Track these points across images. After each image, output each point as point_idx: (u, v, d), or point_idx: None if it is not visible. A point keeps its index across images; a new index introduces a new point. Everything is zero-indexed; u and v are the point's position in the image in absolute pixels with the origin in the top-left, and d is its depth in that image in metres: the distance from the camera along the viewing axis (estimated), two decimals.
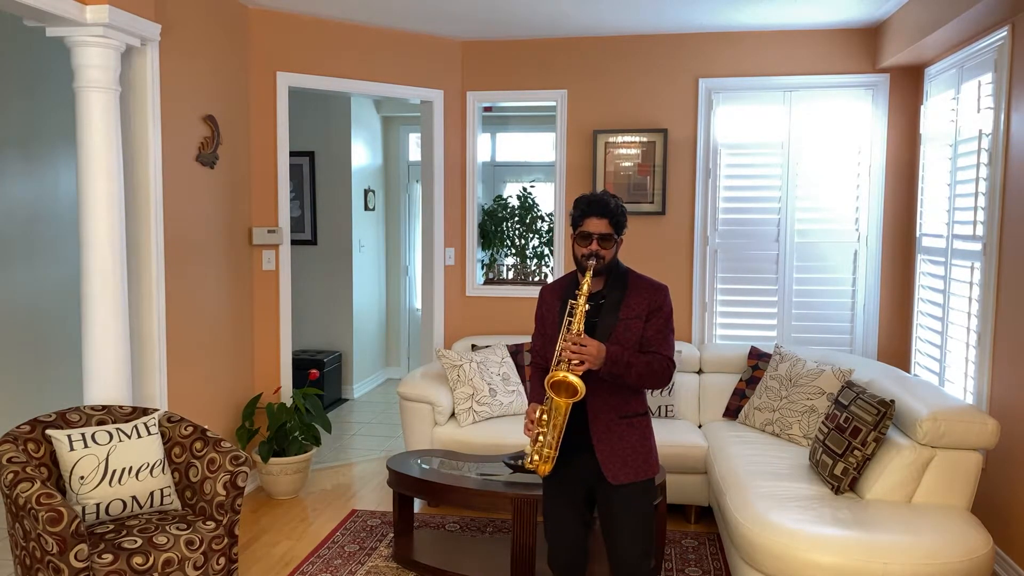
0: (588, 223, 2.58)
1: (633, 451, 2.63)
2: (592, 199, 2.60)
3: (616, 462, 2.61)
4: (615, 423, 2.62)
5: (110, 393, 3.41)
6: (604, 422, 2.61)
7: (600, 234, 2.56)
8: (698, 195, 5.21)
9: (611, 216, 2.58)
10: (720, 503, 3.59)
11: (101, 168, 3.33)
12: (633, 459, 2.63)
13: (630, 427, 2.64)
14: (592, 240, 2.57)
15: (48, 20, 3.20)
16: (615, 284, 2.64)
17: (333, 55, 4.97)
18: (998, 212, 3.71)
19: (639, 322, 2.60)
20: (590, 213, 2.58)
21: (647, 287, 2.64)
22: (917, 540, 2.91)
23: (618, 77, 5.29)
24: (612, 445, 2.61)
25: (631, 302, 2.61)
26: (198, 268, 4.28)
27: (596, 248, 2.56)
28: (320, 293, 7.11)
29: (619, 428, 2.62)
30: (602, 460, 2.61)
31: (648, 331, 2.61)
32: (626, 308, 2.60)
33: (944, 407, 3.29)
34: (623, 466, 2.61)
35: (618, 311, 2.60)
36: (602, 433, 2.61)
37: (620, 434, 2.62)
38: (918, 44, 4.25)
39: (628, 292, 2.62)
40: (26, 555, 2.78)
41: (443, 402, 4.57)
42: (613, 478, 2.60)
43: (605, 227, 2.57)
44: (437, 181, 5.41)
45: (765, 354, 4.70)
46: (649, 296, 2.62)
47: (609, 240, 2.58)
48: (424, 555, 3.81)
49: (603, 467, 2.61)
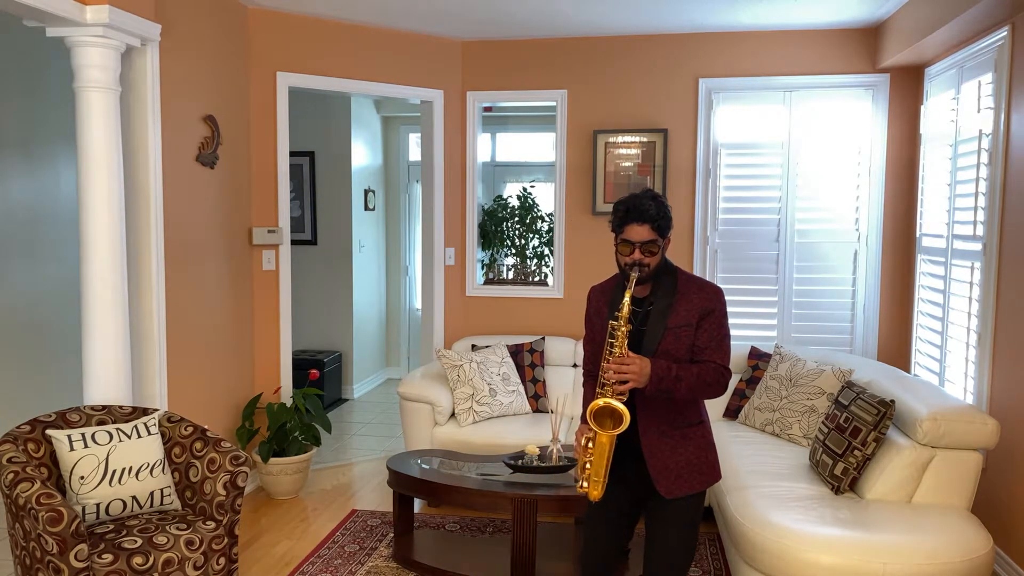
0: (628, 231, 2.40)
1: (688, 464, 2.47)
2: (630, 205, 2.40)
3: (670, 476, 2.45)
4: (667, 435, 2.46)
5: (110, 393, 3.41)
6: (655, 434, 2.46)
7: (642, 242, 2.39)
8: (698, 195, 5.21)
9: (652, 221, 2.39)
10: (720, 503, 3.59)
11: (101, 168, 3.33)
12: (688, 471, 2.47)
13: (684, 438, 2.48)
14: (634, 248, 2.39)
15: (48, 20, 3.19)
16: (663, 289, 2.47)
17: (333, 55, 4.97)
18: (998, 212, 3.71)
19: (689, 330, 2.42)
20: (628, 220, 2.40)
21: (697, 290, 2.46)
22: (917, 540, 2.91)
23: (618, 77, 5.29)
24: (665, 459, 2.45)
25: (680, 308, 2.43)
26: (198, 268, 4.28)
27: (639, 257, 2.39)
28: (320, 293, 7.11)
29: (672, 440, 2.47)
30: (655, 475, 2.45)
31: (699, 338, 2.43)
32: (675, 316, 2.42)
33: (944, 407, 3.29)
34: (677, 479, 2.46)
35: (666, 319, 2.42)
36: (654, 447, 2.46)
37: (673, 446, 2.46)
38: (918, 44, 4.25)
39: (677, 298, 2.44)
40: (26, 555, 2.78)
41: (443, 402, 4.57)
42: (667, 492, 2.45)
43: (647, 233, 2.39)
44: (437, 181, 5.41)
45: (765, 354, 4.70)
46: (700, 301, 2.44)
47: (653, 245, 2.40)
48: (424, 555, 3.81)
49: (656, 482, 2.45)
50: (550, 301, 5.49)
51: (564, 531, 4.10)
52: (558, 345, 5.10)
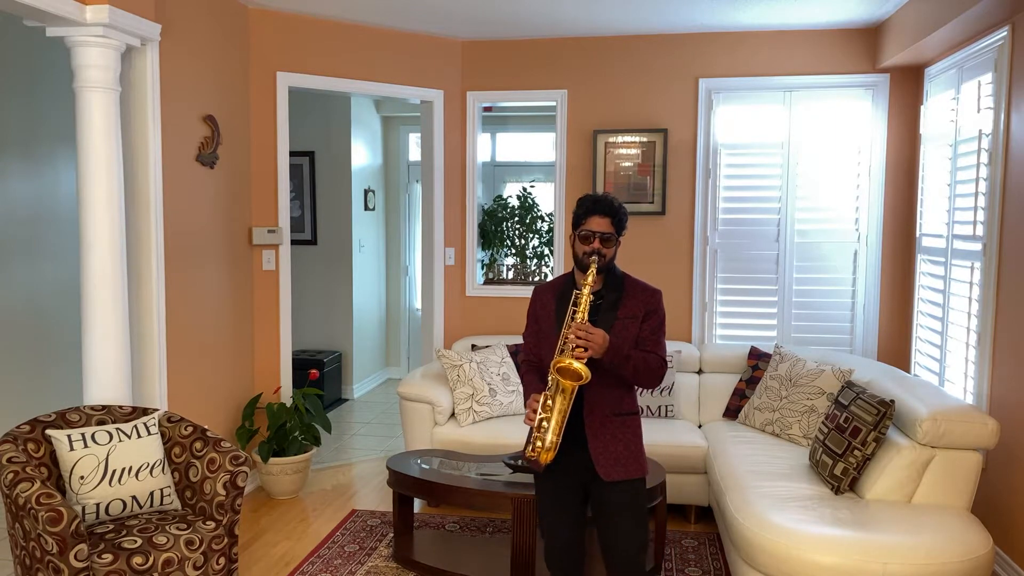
0: (591, 222, 2.64)
1: (626, 449, 2.68)
2: (596, 198, 2.66)
3: (609, 459, 2.65)
4: (609, 420, 2.66)
5: (110, 393, 3.41)
6: (599, 418, 2.65)
7: (602, 233, 2.62)
8: (698, 195, 5.21)
9: (614, 215, 2.64)
10: (720, 503, 3.59)
11: (101, 168, 3.33)
12: (626, 457, 2.67)
13: (623, 425, 2.69)
14: (594, 239, 2.62)
15: (48, 20, 3.19)
16: (612, 285, 2.70)
17: (333, 55, 4.97)
18: (998, 212, 3.71)
19: (635, 323, 2.66)
20: (594, 212, 2.64)
21: (643, 290, 2.71)
22: (917, 540, 2.91)
23: (618, 77, 5.29)
24: (605, 442, 2.65)
25: (627, 304, 2.67)
26: (198, 268, 4.28)
27: (598, 246, 2.61)
28: (320, 293, 7.11)
29: (612, 426, 2.67)
30: (595, 457, 2.64)
31: (643, 332, 2.67)
32: (623, 308, 2.66)
33: (944, 407, 3.29)
34: (616, 463, 2.65)
35: (616, 311, 2.66)
36: (597, 429, 2.65)
37: (613, 432, 2.67)
38: (918, 44, 4.25)
39: (625, 294, 2.68)
40: (26, 555, 2.78)
41: (443, 402, 4.57)
42: (606, 475, 2.64)
43: (607, 226, 2.63)
44: (437, 181, 5.41)
45: (765, 354, 4.70)
46: (645, 299, 2.69)
47: (610, 240, 2.64)
48: (424, 555, 3.81)
49: (596, 464, 2.64)
50: None
51: None
52: None
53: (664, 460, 4.16)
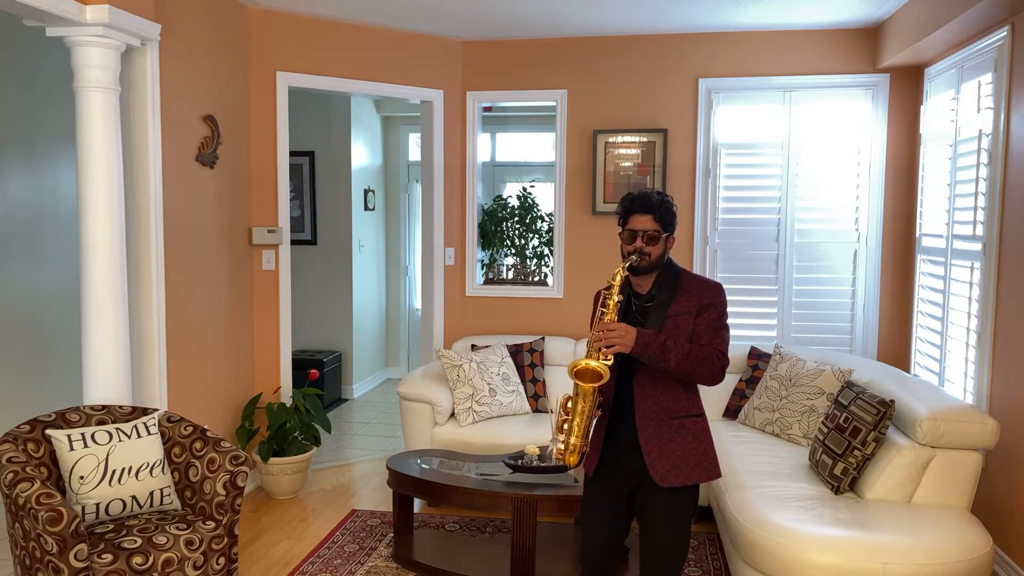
0: (633, 220, 2.54)
1: (684, 453, 2.53)
2: (636, 196, 2.56)
3: (665, 464, 2.52)
4: (665, 423, 2.54)
5: (110, 393, 3.41)
6: (653, 421, 2.53)
7: (645, 231, 2.52)
8: (698, 195, 5.21)
9: (655, 212, 2.53)
10: (720, 503, 3.59)
11: (101, 168, 3.33)
12: (684, 462, 2.53)
13: (681, 429, 2.55)
14: (637, 237, 2.53)
15: (48, 20, 3.19)
16: (666, 284, 2.57)
17: (333, 55, 4.97)
18: (998, 212, 3.71)
19: (688, 318, 2.52)
20: (633, 210, 2.54)
21: (699, 285, 2.58)
22: (917, 540, 2.91)
23: (618, 77, 5.29)
24: (661, 446, 2.53)
25: (680, 301, 2.54)
26: (198, 268, 4.28)
27: (640, 245, 2.52)
28: (320, 293, 7.11)
29: (669, 429, 2.54)
30: (649, 461, 2.52)
31: (698, 326, 2.53)
32: (675, 306, 2.54)
33: (944, 407, 3.29)
34: (672, 468, 2.52)
35: (666, 308, 2.54)
36: (651, 432, 2.53)
37: (670, 436, 2.53)
38: (918, 44, 4.25)
39: (678, 292, 2.56)
40: (26, 555, 2.78)
41: (443, 402, 4.57)
42: (661, 479, 2.51)
43: (650, 223, 2.52)
44: (437, 181, 5.41)
45: (765, 354, 4.70)
46: (700, 294, 2.55)
47: (655, 238, 2.52)
48: (424, 555, 3.81)
49: (650, 468, 2.52)
50: (550, 301, 5.49)
51: (564, 531, 4.10)
52: (558, 345, 5.10)
53: None
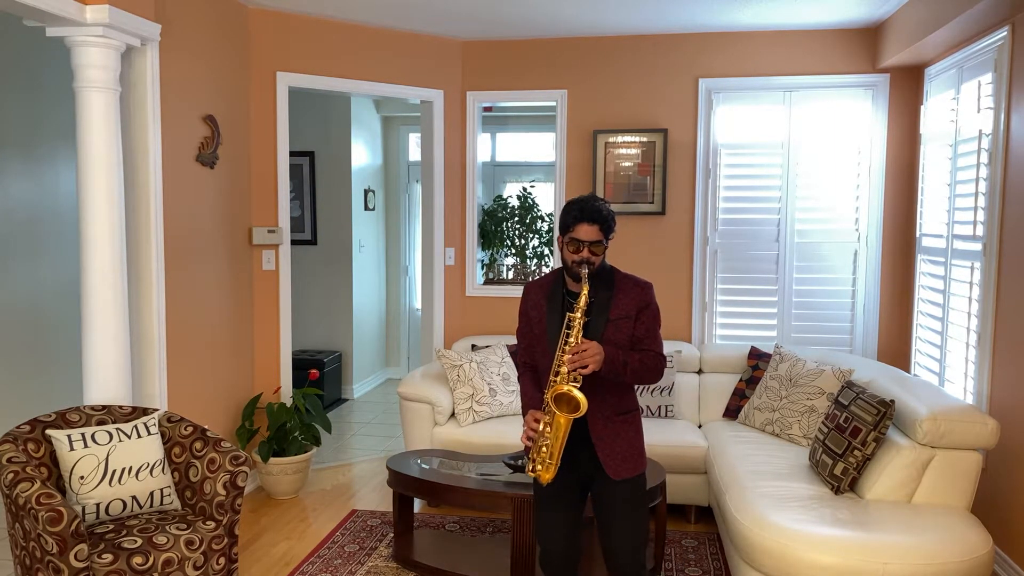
0: (579, 230, 2.58)
1: (630, 446, 2.69)
2: (584, 206, 2.58)
3: (616, 458, 2.65)
4: (612, 420, 2.66)
5: (110, 393, 3.41)
6: (603, 419, 2.65)
7: (590, 241, 2.58)
8: (698, 195, 5.21)
9: (602, 223, 2.59)
10: (720, 503, 3.59)
11: (101, 168, 3.33)
12: (630, 454, 2.68)
13: (625, 423, 2.69)
14: (583, 247, 2.58)
15: (48, 20, 3.19)
16: (601, 284, 2.65)
17: (333, 55, 4.97)
18: (998, 212, 3.71)
19: (629, 322, 2.64)
20: (582, 219, 2.58)
21: (633, 286, 2.67)
22: (917, 540, 2.91)
23: (618, 77, 5.29)
24: (611, 442, 2.65)
25: (619, 302, 2.64)
26: (198, 268, 4.28)
27: (587, 255, 2.58)
28: (320, 293, 7.11)
29: (616, 425, 2.67)
30: (603, 457, 2.64)
31: (638, 329, 2.65)
32: (615, 308, 2.63)
33: (944, 407, 3.29)
34: (623, 461, 2.66)
35: (608, 312, 2.63)
36: (601, 430, 2.65)
37: (617, 431, 2.67)
38: (918, 44, 4.25)
39: (616, 292, 2.65)
40: (26, 555, 2.78)
41: (443, 402, 4.57)
42: (615, 473, 2.64)
43: (596, 234, 2.58)
44: (437, 181, 5.41)
45: (765, 354, 4.70)
46: (636, 295, 2.65)
47: (599, 246, 2.59)
48: (424, 555, 3.81)
49: (604, 464, 2.64)
50: None
51: None
52: None
53: (664, 460, 4.15)
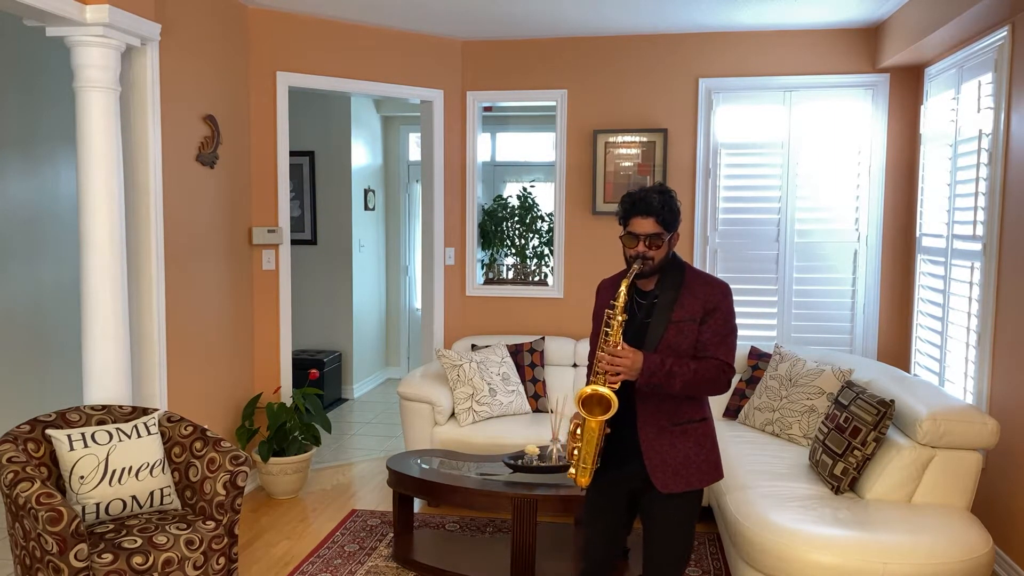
0: (634, 223, 2.43)
1: (686, 460, 2.47)
2: (636, 197, 2.43)
3: (667, 471, 2.46)
4: (666, 430, 2.47)
5: (110, 393, 3.41)
6: (654, 429, 2.47)
7: (647, 235, 2.42)
8: (698, 195, 5.21)
9: (657, 215, 2.41)
10: (720, 503, 3.59)
11: (101, 168, 3.33)
12: (685, 468, 2.47)
13: (683, 435, 2.48)
14: (639, 241, 2.42)
15: (48, 20, 3.19)
16: (669, 282, 2.47)
17: (333, 55, 4.97)
18: (998, 212, 3.71)
19: (693, 325, 2.43)
20: (634, 213, 2.43)
21: (703, 285, 2.47)
22: (917, 540, 2.91)
23: (618, 77, 5.29)
24: (663, 454, 2.46)
25: (685, 303, 2.45)
26: (198, 268, 4.28)
27: (643, 250, 2.42)
28: (320, 293, 7.11)
29: (670, 436, 2.47)
30: (651, 469, 2.46)
31: (703, 334, 2.44)
32: (679, 309, 2.44)
33: (944, 407, 3.29)
34: (674, 475, 2.47)
35: (670, 313, 2.44)
36: (652, 441, 2.47)
37: (672, 442, 2.47)
38: (918, 44, 4.25)
39: (682, 292, 2.46)
40: (26, 555, 2.78)
41: (443, 402, 4.57)
42: (663, 487, 2.46)
43: (652, 226, 2.41)
44: (437, 181, 5.41)
45: (765, 354, 4.70)
46: (704, 296, 2.45)
47: (658, 239, 2.42)
48: (424, 555, 3.81)
49: (652, 476, 2.46)
50: (550, 301, 5.49)
51: (564, 531, 4.09)
52: (558, 345, 5.10)
53: None
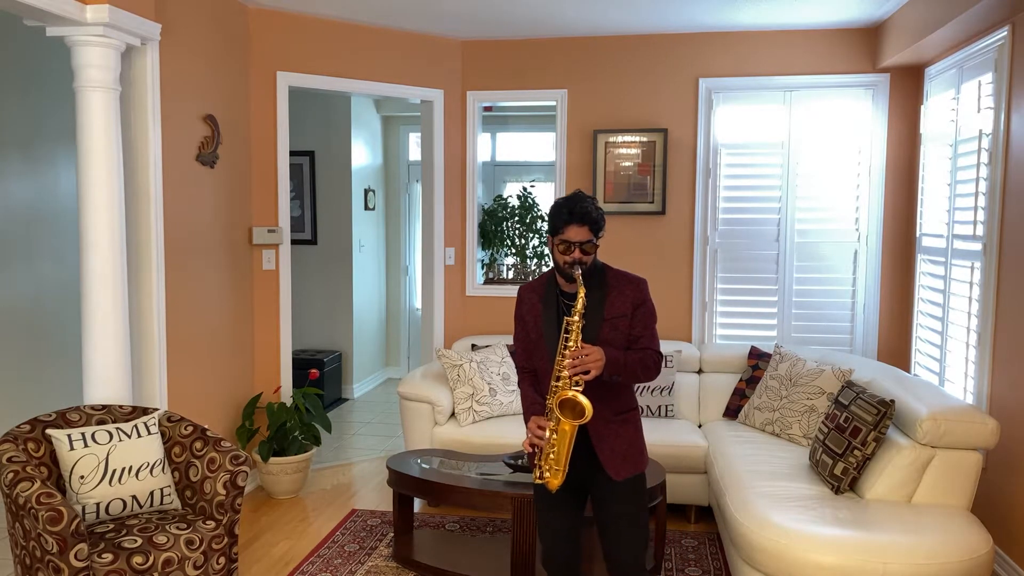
0: (569, 231, 2.55)
1: (631, 445, 2.66)
2: (573, 208, 2.54)
3: (617, 459, 2.63)
4: (611, 421, 2.64)
5: (110, 393, 3.41)
6: (602, 421, 2.60)
7: (581, 242, 2.55)
8: (698, 195, 5.21)
9: (592, 223, 2.55)
10: (720, 503, 3.59)
11: (101, 168, 3.33)
12: (631, 453, 2.66)
13: (625, 423, 2.67)
14: (574, 248, 2.55)
15: (48, 20, 3.20)
16: (594, 283, 2.62)
17: (333, 55, 4.97)
18: (998, 212, 3.71)
19: (625, 320, 2.60)
20: (572, 221, 2.54)
21: (627, 283, 2.64)
22: (917, 540, 2.91)
23: (618, 77, 5.29)
24: (612, 443, 2.63)
25: (614, 301, 2.61)
26: (198, 268, 4.28)
27: (578, 256, 2.55)
28: (320, 293, 7.11)
29: (615, 425, 2.64)
30: (604, 459, 2.62)
31: (635, 328, 2.62)
32: (610, 307, 2.60)
33: (944, 407, 3.29)
34: (624, 461, 2.64)
35: (602, 310, 2.60)
36: (601, 432, 2.62)
37: (617, 431, 2.64)
38: (918, 44, 4.25)
39: (609, 290, 2.62)
40: (26, 554, 2.78)
41: (443, 402, 4.57)
42: (616, 474, 2.62)
43: (586, 235, 2.55)
44: (437, 181, 5.41)
45: (765, 354, 4.70)
46: (631, 292, 2.62)
47: (590, 245, 2.56)
48: (424, 555, 3.81)
49: (606, 465, 2.62)
50: None
51: None
52: None
53: (664, 460, 4.15)
